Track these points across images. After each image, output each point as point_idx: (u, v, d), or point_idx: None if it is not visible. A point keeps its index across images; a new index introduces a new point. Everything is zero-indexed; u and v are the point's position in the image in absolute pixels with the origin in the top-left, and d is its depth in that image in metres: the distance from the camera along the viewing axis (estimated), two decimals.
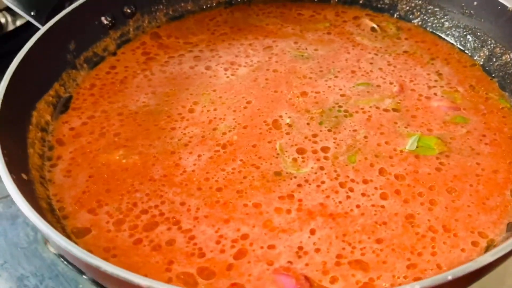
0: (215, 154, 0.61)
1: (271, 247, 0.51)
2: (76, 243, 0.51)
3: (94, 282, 0.57)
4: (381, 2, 0.85)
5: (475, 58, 0.74)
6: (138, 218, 0.54)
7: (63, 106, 0.68)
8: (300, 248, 0.51)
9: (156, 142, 0.63)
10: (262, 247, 0.51)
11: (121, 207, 0.55)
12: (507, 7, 0.68)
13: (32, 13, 0.74)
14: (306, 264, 0.50)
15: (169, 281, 0.48)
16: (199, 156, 0.61)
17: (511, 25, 0.67)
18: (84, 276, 0.58)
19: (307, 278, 0.48)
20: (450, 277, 0.37)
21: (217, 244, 0.52)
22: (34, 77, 0.64)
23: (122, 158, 0.61)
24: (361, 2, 0.86)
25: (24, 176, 0.54)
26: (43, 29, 0.68)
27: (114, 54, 0.78)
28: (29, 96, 0.63)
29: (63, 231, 0.52)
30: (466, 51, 0.76)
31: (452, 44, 0.78)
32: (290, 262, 0.50)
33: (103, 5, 0.77)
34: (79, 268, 0.54)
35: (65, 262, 0.59)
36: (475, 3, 0.72)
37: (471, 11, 0.74)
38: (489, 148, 0.61)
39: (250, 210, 0.55)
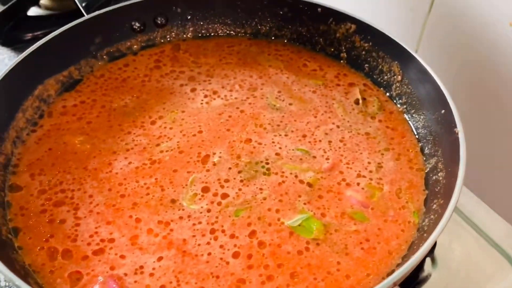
0: (141, 165, 0.73)
1: (122, 257, 0.63)
2: (5, 195, 0.69)
3: None
4: (381, 77, 0.86)
5: (425, 164, 0.74)
6: (55, 194, 0.69)
7: (71, 85, 0.86)
8: (141, 267, 0.62)
9: (109, 139, 0.77)
10: (116, 254, 0.63)
11: (51, 180, 0.71)
12: (456, 128, 0.67)
13: (83, 4, 0.92)
14: (135, 281, 0.60)
15: (40, 249, 0.63)
16: (129, 163, 0.74)
17: (454, 147, 0.66)
18: None
19: None
20: None
21: (90, 237, 0.65)
22: (53, 57, 0.82)
23: (79, 143, 0.76)
24: (365, 70, 0.88)
25: None
26: (76, 21, 0.84)
27: (135, 54, 0.93)
28: (41, 72, 0.81)
29: (2, 182, 0.70)
30: (423, 155, 0.75)
31: (417, 141, 0.77)
32: (126, 274, 0.61)
33: (137, 11, 0.91)
34: None
35: None
36: (442, 111, 0.72)
37: (439, 118, 0.73)
38: (362, 253, 0.64)
39: (130, 222, 0.66)
